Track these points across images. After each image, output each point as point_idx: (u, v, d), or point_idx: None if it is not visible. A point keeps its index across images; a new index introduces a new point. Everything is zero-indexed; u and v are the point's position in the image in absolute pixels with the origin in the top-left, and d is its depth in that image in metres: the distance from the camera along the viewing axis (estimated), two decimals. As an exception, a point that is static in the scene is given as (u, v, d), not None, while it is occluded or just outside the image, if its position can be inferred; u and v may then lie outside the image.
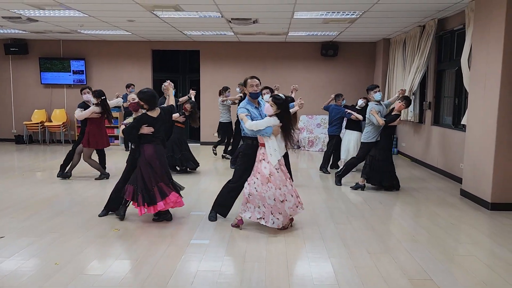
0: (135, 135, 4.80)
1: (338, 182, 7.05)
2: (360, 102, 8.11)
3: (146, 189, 4.72)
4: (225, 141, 9.49)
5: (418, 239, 4.52)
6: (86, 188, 6.64)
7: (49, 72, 11.75)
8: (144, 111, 4.86)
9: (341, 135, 8.26)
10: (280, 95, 4.68)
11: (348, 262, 3.86)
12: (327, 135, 8.52)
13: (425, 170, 8.53)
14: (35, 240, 4.32)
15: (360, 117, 7.80)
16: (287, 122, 4.58)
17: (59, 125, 11.63)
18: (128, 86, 8.34)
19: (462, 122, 6.85)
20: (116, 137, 11.63)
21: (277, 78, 11.74)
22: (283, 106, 4.54)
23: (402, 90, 7.12)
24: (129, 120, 5.05)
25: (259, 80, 4.87)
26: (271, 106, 4.56)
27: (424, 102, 8.84)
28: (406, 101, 6.59)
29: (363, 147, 6.77)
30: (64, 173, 7.22)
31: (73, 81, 11.79)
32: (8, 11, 7.61)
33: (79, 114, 6.83)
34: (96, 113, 6.82)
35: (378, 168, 6.59)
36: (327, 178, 7.68)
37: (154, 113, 4.86)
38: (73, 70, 11.75)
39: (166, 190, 4.77)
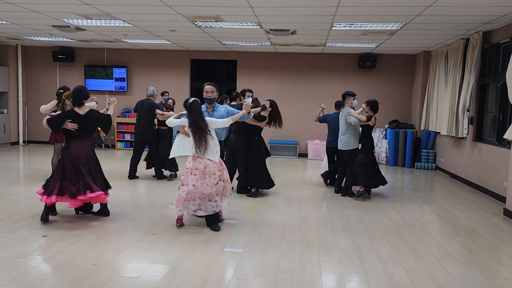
0: (58, 126, 4.96)
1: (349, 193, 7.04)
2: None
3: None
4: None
5: (458, 258, 4.36)
6: (123, 192, 6.82)
7: (93, 79, 12.22)
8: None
9: None
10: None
11: (384, 279, 3.77)
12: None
13: (465, 187, 8.23)
14: (75, 241, 4.47)
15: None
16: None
17: (99, 129, 12.01)
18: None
19: (504, 137, 6.56)
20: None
21: (313, 90, 11.73)
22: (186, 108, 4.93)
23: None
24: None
25: (215, 87, 5.33)
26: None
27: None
28: (370, 106, 6.74)
29: (351, 155, 6.90)
30: None
31: (115, 88, 12.21)
32: (58, 20, 8.00)
33: None
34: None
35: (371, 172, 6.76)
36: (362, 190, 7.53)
37: (81, 111, 5.03)
38: (115, 77, 12.17)
39: (65, 189, 4.91)
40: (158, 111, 7.62)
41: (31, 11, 7.25)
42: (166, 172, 8.18)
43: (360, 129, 6.88)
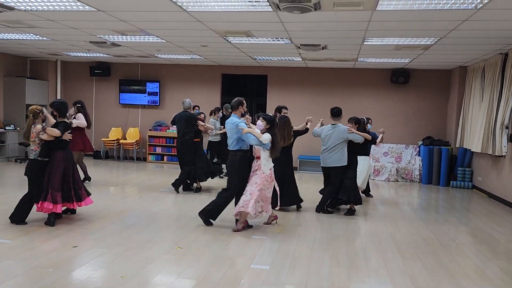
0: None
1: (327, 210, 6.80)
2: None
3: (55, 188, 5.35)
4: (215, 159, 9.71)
5: (497, 283, 4.13)
6: (154, 204, 6.89)
7: (127, 93, 12.55)
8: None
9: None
10: (269, 114, 5.77)
11: (417, 302, 3.60)
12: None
13: (504, 207, 7.85)
14: (104, 252, 4.53)
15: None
16: (274, 137, 5.46)
17: (133, 143, 12.31)
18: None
19: None
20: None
21: (344, 105, 11.49)
22: (272, 123, 5.52)
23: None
24: None
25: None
26: (262, 122, 5.59)
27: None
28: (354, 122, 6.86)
29: (340, 172, 6.62)
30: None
31: (148, 102, 12.48)
32: (95, 37, 8.30)
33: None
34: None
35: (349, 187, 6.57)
36: (394, 208, 7.32)
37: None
38: (148, 92, 12.46)
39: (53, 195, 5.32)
40: (200, 122, 7.87)
41: (70, 28, 7.55)
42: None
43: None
